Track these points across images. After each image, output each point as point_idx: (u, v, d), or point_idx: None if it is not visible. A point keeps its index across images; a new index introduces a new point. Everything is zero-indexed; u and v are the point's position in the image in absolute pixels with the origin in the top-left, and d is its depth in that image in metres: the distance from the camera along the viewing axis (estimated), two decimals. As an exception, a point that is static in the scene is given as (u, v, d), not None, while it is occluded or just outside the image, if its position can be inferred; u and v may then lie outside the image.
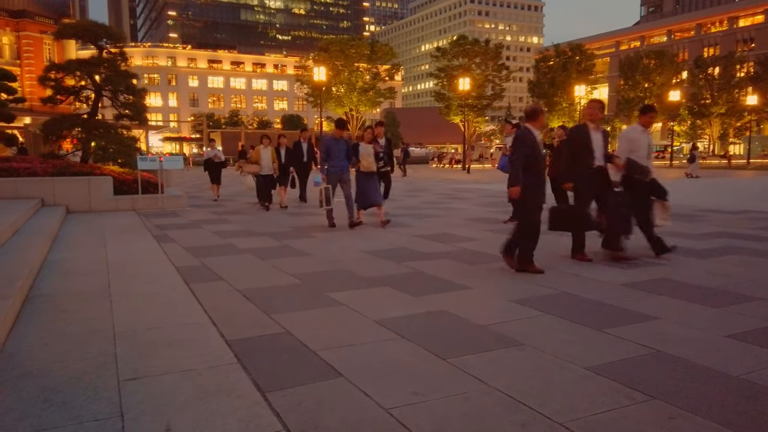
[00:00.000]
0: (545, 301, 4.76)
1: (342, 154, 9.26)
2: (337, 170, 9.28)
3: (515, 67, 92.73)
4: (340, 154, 9.22)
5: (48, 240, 7.40)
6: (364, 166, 9.30)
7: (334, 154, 9.18)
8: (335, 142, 9.23)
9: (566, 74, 54.21)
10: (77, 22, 14.90)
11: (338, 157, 9.22)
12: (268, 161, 12.41)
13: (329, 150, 9.17)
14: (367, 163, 9.31)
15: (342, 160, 9.25)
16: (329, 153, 9.17)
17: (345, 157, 9.28)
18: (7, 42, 52.81)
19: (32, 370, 3.24)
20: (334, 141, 9.24)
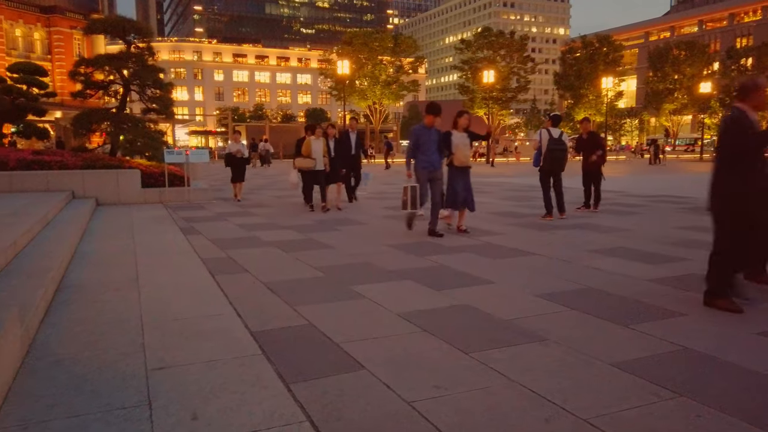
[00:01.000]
0: (570, 297, 4.71)
1: (433, 146, 7.74)
2: (428, 166, 7.70)
3: (541, 59, 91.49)
4: (432, 146, 7.72)
5: (78, 231, 7.58)
6: (458, 159, 7.92)
7: (424, 146, 7.69)
8: (426, 132, 7.71)
9: (593, 66, 53.36)
10: (106, 18, 15.15)
11: (429, 150, 7.69)
12: (320, 154, 10.73)
13: (418, 141, 7.68)
14: (462, 156, 7.93)
15: (434, 153, 7.73)
16: (418, 144, 7.70)
17: (437, 150, 7.78)
18: (39, 37, 53.99)
19: (63, 358, 3.33)
20: (425, 130, 7.72)
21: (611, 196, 13.44)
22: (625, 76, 61.45)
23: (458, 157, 7.91)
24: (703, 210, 4.75)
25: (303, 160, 10.66)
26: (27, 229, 6.25)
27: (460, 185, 7.96)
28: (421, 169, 7.71)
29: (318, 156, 10.65)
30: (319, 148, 10.71)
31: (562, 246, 7.07)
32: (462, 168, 7.99)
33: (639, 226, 8.72)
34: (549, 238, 7.69)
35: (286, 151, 47.52)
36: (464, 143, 7.92)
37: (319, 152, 10.69)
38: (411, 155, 7.82)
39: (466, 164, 8.00)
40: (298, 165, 10.84)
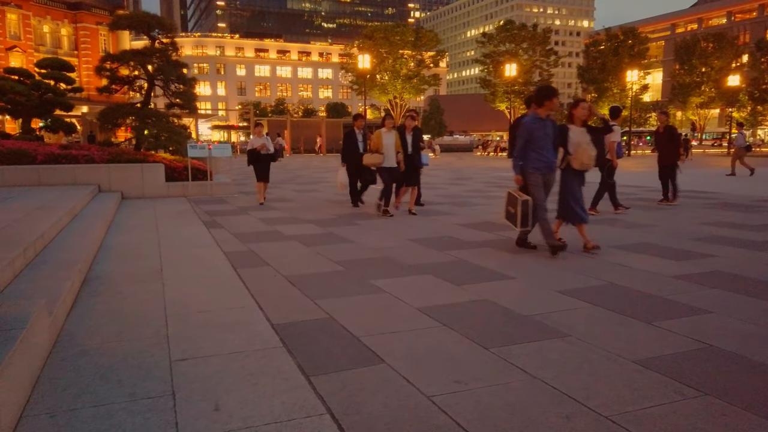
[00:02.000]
0: (592, 292, 4.66)
1: (549, 141, 6.16)
2: (544, 167, 6.14)
3: (564, 52, 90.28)
4: (547, 141, 6.14)
5: (104, 224, 7.72)
6: (579, 161, 6.27)
7: (538, 142, 6.08)
8: (539, 124, 6.12)
9: (618, 59, 52.48)
10: (131, 14, 15.39)
11: (544, 146, 6.11)
12: (392, 149, 9.34)
13: (531, 135, 6.10)
14: (586, 156, 6.26)
15: (549, 150, 6.17)
16: (531, 139, 6.09)
17: (552, 147, 6.24)
18: (66, 33, 54.97)
19: (90, 348, 3.40)
20: (538, 122, 6.13)
21: (637, 192, 13.24)
22: (650, 69, 60.30)
23: (579, 157, 6.29)
24: (731, 206, 4.65)
25: (371, 156, 9.35)
26: (54, 222, 6.39)
27: (579, 193, 6.44)
28: (533, 170, 6.12)
29: (389, 152, 9.31)
30: (391, 142, 9.34)
31: (580, 242, 6.98)
32: (580, 172, 6.44)
33: (664, 221, 8.58)
34: (572, 233, 7.61)
35: (306, 145, 47.79)
36: (585, 140, 6.31)
37: (391, 147, 9.32)
38: (521, 154, 6.18)
39: (587, 166, 6.38)
40: (367, 161, 9.46)
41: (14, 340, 2.62)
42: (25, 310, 3.05)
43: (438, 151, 45.85)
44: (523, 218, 6.17)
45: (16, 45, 49.11)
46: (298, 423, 2.50)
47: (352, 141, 10.49)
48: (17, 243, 4.88)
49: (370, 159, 9.38)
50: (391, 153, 9.27)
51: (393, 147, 9.31)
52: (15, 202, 8.35)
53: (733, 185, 15.45)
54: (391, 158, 9.28)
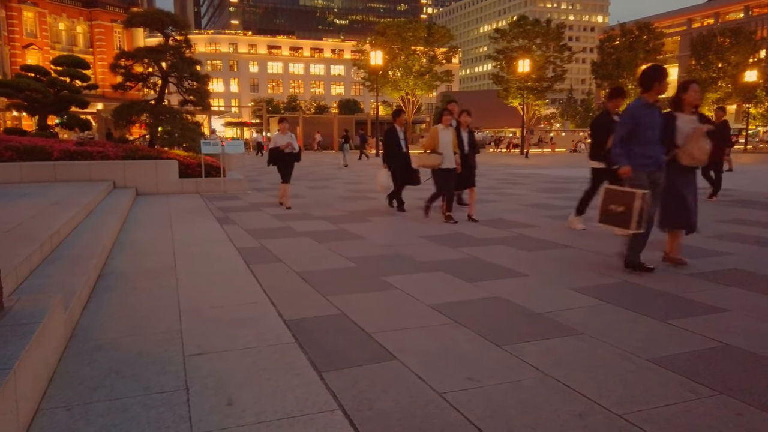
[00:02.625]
0: (605, 290, 4.63)
1: (656, 133, 5.18)
2: (651, 163, 5.15)
3: (578, 47, 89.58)
4: (654, 133, 5.15)
5: (119, 220, 7.80)
6: (689, 155, 5.29)
7: (644, 134, 5.10)
8: (647, 111, 5.13)
9: (632, 54, 51.94)
10: (145, 11, 15.47)
11: (651, 139, 5.13)
12: (450, 149, 8.25)
13: (638, 124, 5.09)
14: (698, 150, 5.27)
15: (656, 144, 5.19)
16: (637, 130, 5.10)
17: (659, 140, 5.23)
18: (81, 31, 55.49)
19: (104, 343, 3.44)
20: (646, 109, 5.13)
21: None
22: (666, 65, 59.62)
23: (689, 151, 5.27)
24: (747, 203, 4.59)
25: (429, 157, 8.25)
26: (70, 217, 6.46)
27: (691, 194, 5.45)
28: (639, 168, 5.09)
29: (447, 151, 8.22)
30: (449, 140, 8.25)
31: (598, 238, 6.94)
32: (688, 169, 5.43)
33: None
34: (585, 230, 7.56)
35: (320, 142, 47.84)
36: (698, 131, 5.29)
37: (449, 146, 8.23)
38: (620, 147, 5.15)
39: (699, 161, 5.37)
40: (422, 162, 8.36)
41: (31, 334, 2.65)
42: (41, 305, 3.09)
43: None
44: (640, 217, 4.96)
45: (32, 43, 49.68)
46: (311, 418, 2.51)
47: (394, 139, 9.50)
48: (34, 238, 4.95)
49: (429, 160, 8.25)
50: (450, 152, 8.22)
51: (451, 146, 8.24)
52: (32, 198, 8.46)
53: (748, 182, 15.24)
54: (450, 158, 8.22)
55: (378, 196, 11.84)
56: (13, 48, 48.54)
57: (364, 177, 17.77)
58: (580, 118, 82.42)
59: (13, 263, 3.98)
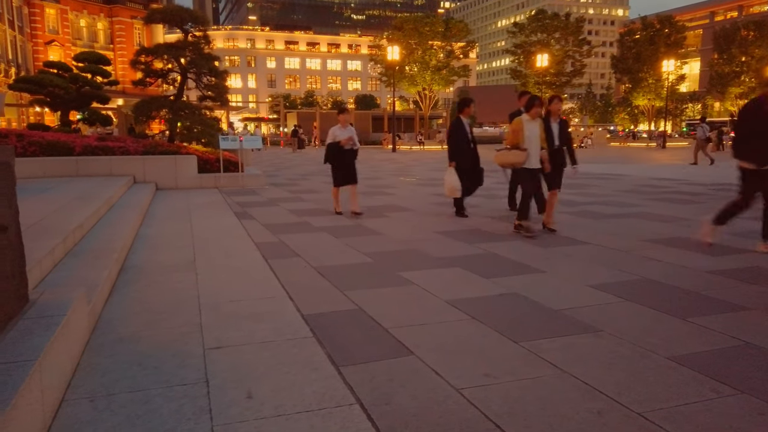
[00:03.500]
0: (625, 287, 4.58)
1: None
2: None
3: (597, 41, 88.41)
4: None
5: (140, 215, 7.90)
6: None
7: None
8: None
9: (653, 48, 51.20)
10: (165, 7, 15.60)
11: None
12: (536, 144, 6.82)
13: None
14: None
15: None
16: None
17: None
18: (102, 28, 56.18)
19: (126, 336, 3.50)
20: None
21: (671, 185, 12.93)
22: (687, 59, 58.64)
23: None
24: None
25: (511, 154, 6.81)
26: (92, 212, 6.57)
27: None
28: None
29: (533, 147, 6.77)
30: (536, 134, 6.84)
31: (617, 235, 6.87)
32: None
33: (700, 215, 8.36)
34: (604, 227, 7.49)
35: (335, 137, 47.87)
36: None
37: (536, 141, 6.81)
38: None
39: None
40: (503, 160, 6.96)
41: (56, 327, 2.71)
42: (65, 298, 3.15)
43: None
44: None
45: (54, 39, 50.42)
46: (329, 412, 2.53)
47: (461, 133, 8.22)
48: (57, 232, 5.04)
49: (510, 157, 6.84)
50: (536, 149, 6.82)
51: (538, 140, 6.83)
52: (55, 192, 8.61)
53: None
54: (536, 156, 6.81)
55: (396, 191, 11.83)
56: (35, 44, 49.34)
57: (380, 173, 17.77)
58: (599, 113, 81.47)
59: (37, 257, 4.06)
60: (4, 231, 2.73)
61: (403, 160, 25.65)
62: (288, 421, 2.46)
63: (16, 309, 2.87)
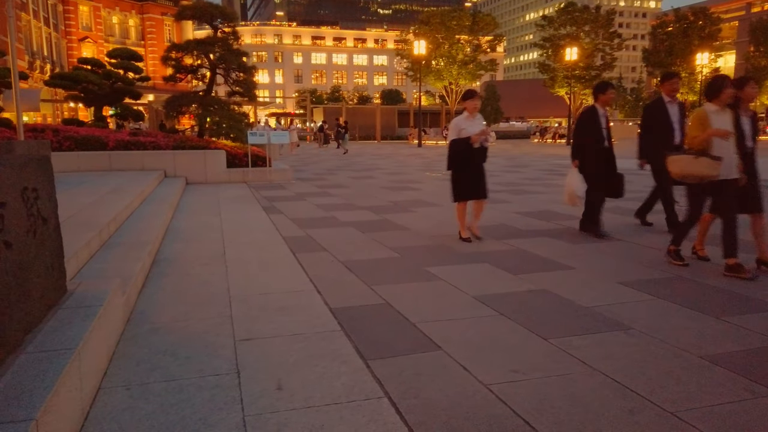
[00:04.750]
0: (657, 285, 4.50)
1: None
2: None
3: (629, 34, 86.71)
4: None
5: (171, 208, 8.05)
6: None
7: None
8: None
9: (687, 41, 49.91)
10: (195, 4, 15.81)
11: None
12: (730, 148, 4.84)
13: None
14: None
15: None
16: None
17: None
18: (133, 24, 57.19)
19: (160, 326, 3.58)
20: None
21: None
22: (722, 52, 57.08)
23: None
24: None
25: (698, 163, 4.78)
26: (126, 205, 6.72)
27: None
28: None
29: (728, 152, 4.79)
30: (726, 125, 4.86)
31: (648, 232, 6.75)
32: None
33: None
34: (634, 223, 7.36)
35: (361, 132, 48.04)
36: None
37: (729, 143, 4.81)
38: None
39: None
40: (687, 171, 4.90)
41: (93, 317, 2.79)
42: (102, 289, 3.24)
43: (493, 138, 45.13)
44: None
45: (87, 36, 51.54)
46: (358, 405, 2.56)
47: (595, 126, 6.46)
48: (93, 225, 5.17)
49: (698, 168, 4.78)
50: (731, 153, 4.82)
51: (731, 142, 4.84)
52: (89, 186, 8.82)
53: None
54: (731, 163, 4.80)
55: (422, 186, 11.81)
56: (69, 41, 50.51)
57: (406, 167, 17.76)
58: (629, 108, 79.91)
59: (75, 248, 4.17)
60: (45, 223, 2.81)
61: (429, 155, 25.57)
62: (318, 412, 2.49)
63: (56, 299, 2.97)
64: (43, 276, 2.75)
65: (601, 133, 6.51)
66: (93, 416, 2.46)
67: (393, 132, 49.50)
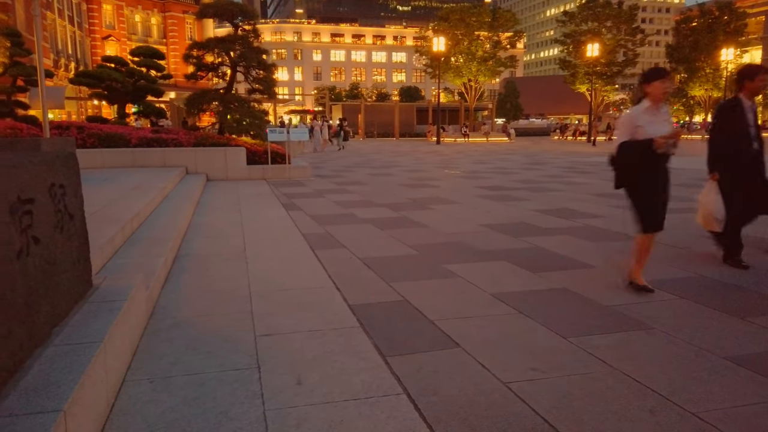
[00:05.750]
0: (679, 284, 4.45)
1: None
2: None
3: (651, 30, 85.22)
4: None
5: (192, 205, 8.15)
6: None
7: None
8: None
9: (712, 36, 48.97)
10: (216, 2, 15.94)
11: None
12: None
13: None
14: None
15: None
16: None
17: None
18: (155, 23, 57.88)
19: (181, 321, 3.64)
20: None
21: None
22: (748, 47, 55.85)
23: None
24: None
25: None
26: (148, 201, 6.82)
27: None
28: None
29: None
30: None
31: (673, 230, 6.64)
32: None
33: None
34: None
35: (380, 129, 48.05)
36: None
37: None
38: None
39: None
40: None
41: (117, 311, 2.84)
42: (125, 284, 3.30)
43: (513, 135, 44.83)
44: None
45: (110, 34, 52.31)
46: (376, 401, 2.57)
47: (739, 124, 5.10)
48: (116, 221, 5.26)
49: None
50: None
51: None
52: (113, 182, 8.97)
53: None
54: None
55: (440, 183, 11.79)
56: (93, 39, 51.31)
57: (424, 165, 17.73)
58: (652, 105, 78.56)
59: (99, 244, 4.25)
60: (71, 219, 2.88)
61: (448, 153, 25.50)
62: (336, 408, 2.51)
63: (81, 293, 3.03)
64: (70, 270, 2.82)
65: (749, 132, 5.03)
66: (118, 408, 2.52)
67: (412, 129, 49.40)
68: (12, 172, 2.22)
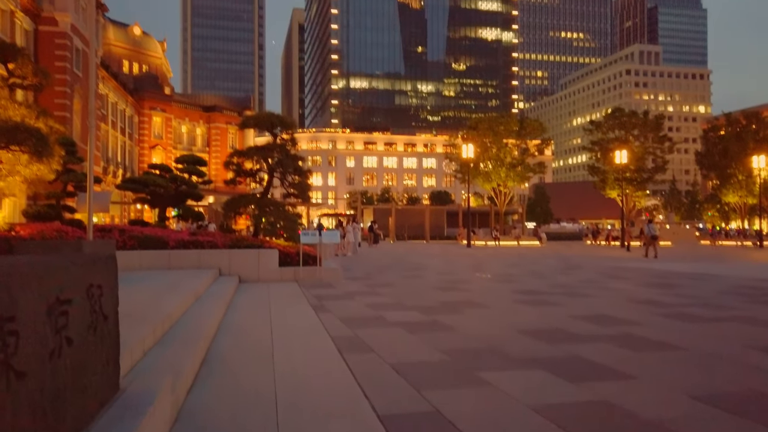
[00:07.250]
0: (730, 399, 4.15)
1: None
2: None
3: (679, 138, 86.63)
4: None
5: (224, 306, 8.20)
6: None
7: None
8: None
9: (741, 144, 49.35)
10: (257, 114, 17.02)
11: None
12: None
13: None
14: None
15: None
16: None
17: None
18: (200, 133, 61.70)
19: (207, 427, 3.53)
20: None
21: (773, 286, 11.93)
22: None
23: None
24: None
25: None
26: (180, 302, 6.90)
27: None
28: None
29: None
30: None
31: (716, 340, 6.34)
32: None
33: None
34: (700, 330, 6.95)
35: (410, 232, 48.57)
36: None
37: None
38: None
39: None
40: None
41: (143, 415, 2.79)
42: (152, 388, 3.26)
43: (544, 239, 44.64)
44: None
45: (158, 143, 55.84)
46: None
47: None
48: (148, 322, 5.30)
49: None
50: None
51: None
52: (149, 282, 9.15)
53: None
54: None
55: (471, 286, 11.64)
56: (141, 148, 54.75)
57: (455, 267, 17.64)
58: (685, 210, 78.14)
59: (129, 345, 4.26)
60: (105, 320, 2.92)
61: (479, 256, 25.40)
62: None
63: (108, 396, 3.00)
64: (99, 373, 2.81)
65: None
66: None
67: (442, 232, 49.83)
68: (54, 273, 2.29)
